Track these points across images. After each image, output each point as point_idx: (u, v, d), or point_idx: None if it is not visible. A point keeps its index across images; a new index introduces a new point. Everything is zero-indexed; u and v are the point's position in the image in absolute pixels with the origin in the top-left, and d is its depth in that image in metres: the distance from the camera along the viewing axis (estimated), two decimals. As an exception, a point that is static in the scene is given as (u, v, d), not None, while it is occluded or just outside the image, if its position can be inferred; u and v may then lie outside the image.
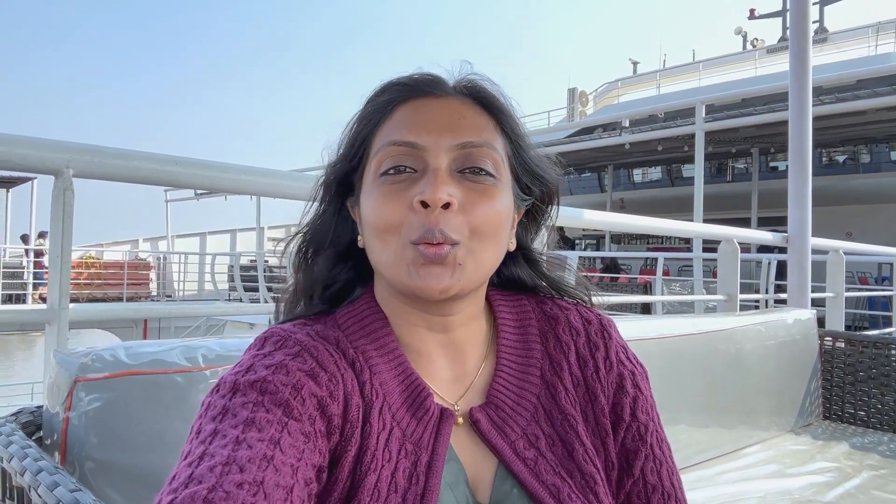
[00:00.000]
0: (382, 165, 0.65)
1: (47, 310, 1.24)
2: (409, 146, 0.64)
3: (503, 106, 0.70)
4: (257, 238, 14.01)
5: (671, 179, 19.92)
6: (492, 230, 0.64)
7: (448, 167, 0.64)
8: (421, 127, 0.65)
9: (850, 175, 16.32)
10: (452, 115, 0.66)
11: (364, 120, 0.69)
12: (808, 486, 1.80)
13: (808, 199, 3.07)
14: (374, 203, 0.64)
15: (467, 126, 0.66)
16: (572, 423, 0.68)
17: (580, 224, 2.44)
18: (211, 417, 0.56)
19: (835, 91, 10.06)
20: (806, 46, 3.09)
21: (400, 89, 0.68)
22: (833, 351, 2.48)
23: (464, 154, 0.65)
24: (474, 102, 0.69)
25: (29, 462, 0.73)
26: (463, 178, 0.64)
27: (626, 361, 0.74)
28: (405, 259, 0.63)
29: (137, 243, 16.15)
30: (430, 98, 0.68)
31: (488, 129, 0.67)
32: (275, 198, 1.50)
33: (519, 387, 0.70)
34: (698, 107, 9.54)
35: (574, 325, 0.74)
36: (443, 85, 0.69)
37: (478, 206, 0.63)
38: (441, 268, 0.62)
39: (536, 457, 0.66)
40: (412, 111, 0.67)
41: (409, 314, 0.69)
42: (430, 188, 0.61)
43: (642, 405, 0.72)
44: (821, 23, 19.49)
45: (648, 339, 1.80)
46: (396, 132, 0.66)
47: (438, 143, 0.64)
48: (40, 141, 1.20)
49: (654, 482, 0.71)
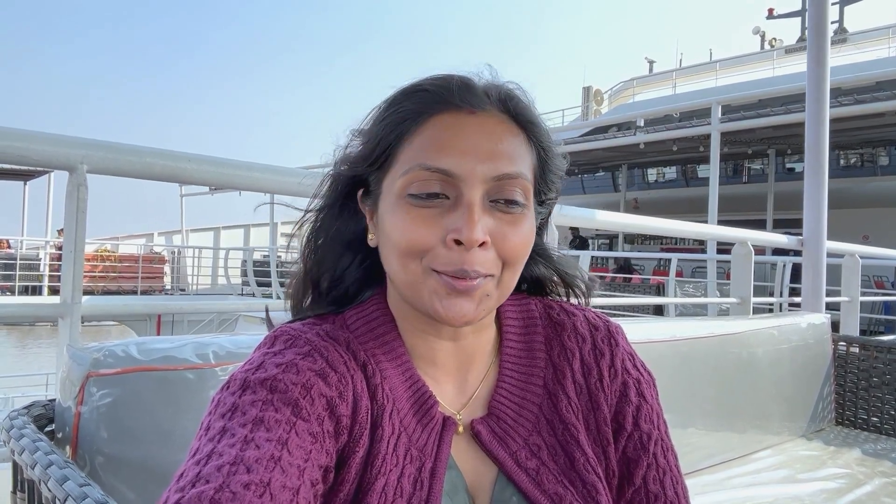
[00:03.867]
0: (412, 187, 0.62)
1: (60, 304, 1.25)
2: (444, 174, 0.61)
3: (536, 119, 0.67)
4: (270, 233, 14.07)
5: (686, 180, 19.78)
6: (521, 258, 0.64)
7: (482, 200, 0.61)
8: (457, 152, 0.61)
9: (868, 177, 16.14)
10: (490, 140, 0.62)
11: (391, 126, 0.65)
12: (819, 493, 1.78)
13: (824, 202, 3.05)
14: (401, 224, 0.62)
15: (504, 154, 0.62)
16: (573, 433, 0.68)
17: (593, 225, 2.43)
18: (220, 414, 0.56)
19: (853, 92, 9.95)
20: (824, 47, 3.06)
21: (432, 97, 0.64)
22: (847, 356, 2.46)
23: (499, 185, 0.62)
24: (508, 118, 0.65)
25: (39, 455, 0.74)
26: (495, 209, 0.62)
27: (631, 370, 0.73)
28: (428, 286, 0.62)
29: (152, 237, 16.27)
30: (465, 114, 0.63)
31: (521, 152, 0.64)
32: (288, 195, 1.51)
33: (521, 397, 0.70)
34: (714, 107, 9.46)
35: (580, 332, 0.74)
36: (477, 96, 0.64)
37: (508, 238, 0.62)
38: (467, 299, 0.61)
39: (538, 466, 0.66)
40: (446, 130, 0.63)
41: (419, 322, 0.68)
42: (466, 228, 0.59)
43: (646, 414, 0.72)
44: (840, 23, 19.25)
45: (660, 341, 1.80)
46: (429, 155, 0.62)
47: (475, 172, 0.61)
48: (55, 137, 1.21)
49: (657, 491, 0.70)
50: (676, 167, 19.86)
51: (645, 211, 18.74)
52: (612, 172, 21.08)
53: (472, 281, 0.60)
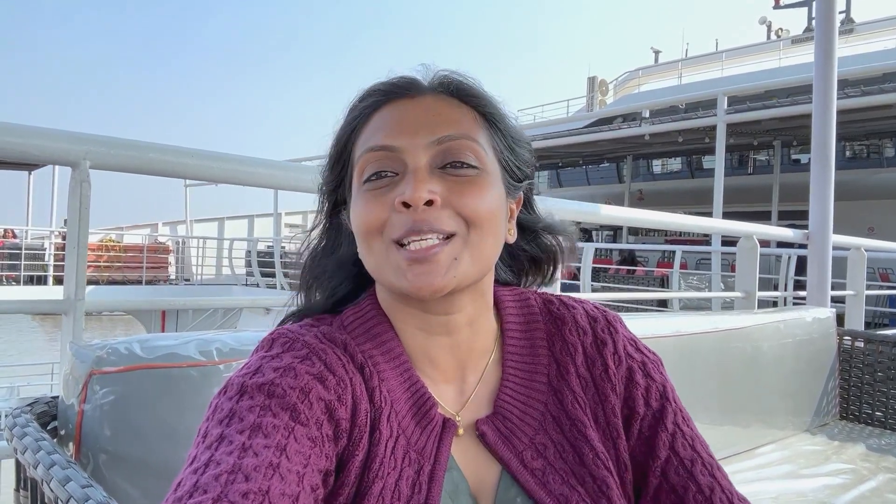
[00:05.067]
0: (364, 173, 0.65)
1: (63, 300, 1.25)
2: (387, 150, 0.64)
3: (480, 93, 0.68)
4: (274, 224, 14.09)
5: (691, 171, 19.73)
6: (487, 220, 0.63)
7: (428, 165, 0.63)
8: (396, 129, 0.64)
9: (874, 169, 16.06)
10: (427, 113, 0.65)
11: (343, 129, 0.69)
12: (823, 488, 1.78)
13: (830, 195, 3.03)
14: (359, 210, 0.65)
15: (443, 121, 0.65)
16: (581, 429, 0.68)
17: (598, 220, 2.41)
18: (218, 421, 0.55)
19: (860, 84, 9.88)
20: (832, 37, 3.03)
21: (375, 95, 0.67)
22: (852, 350, 2.45)
23: (442, 149, 0.63)
24: (450, 96, 0.67)
25: (42, 455, 0.74)
26: (445, 174, 0.63)
27: (634, 354, 0.73)
28: (391, 262, 0.62)
29: (157, 227, 16.29)
30: (405, 100, 0.67)
31: (466, 120, 0.66)
32: (289, 190, 1.51)
33: (526, 395, 0.69)
34: (720, 98, 9.41)
35: (581, 325, 0.73)
36: (417, 85, 0.68)
37: (465, 195, 0.62)
38: (431, 265, 0.61)
39: (545, 466, 0.66)
40: (387, 114, 0.66)
41: (410, 317, 0.68)
42: (409, 188, 0.61)
43: (655, 393, 0.71)
44: (847, 13, 19.09)
45: (664, 336, 1.79)
46: (373, 138, 0.65)
47: (415, 142, 0.63)
48: (58, 132, 1.20)
49: (691, 456, 0.68)
50: (682, 158, 19.79)
51: (650, 202, 18.70)
52: (617, 163, 21.01)
53: (430, 246, 0.60)
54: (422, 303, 0.65)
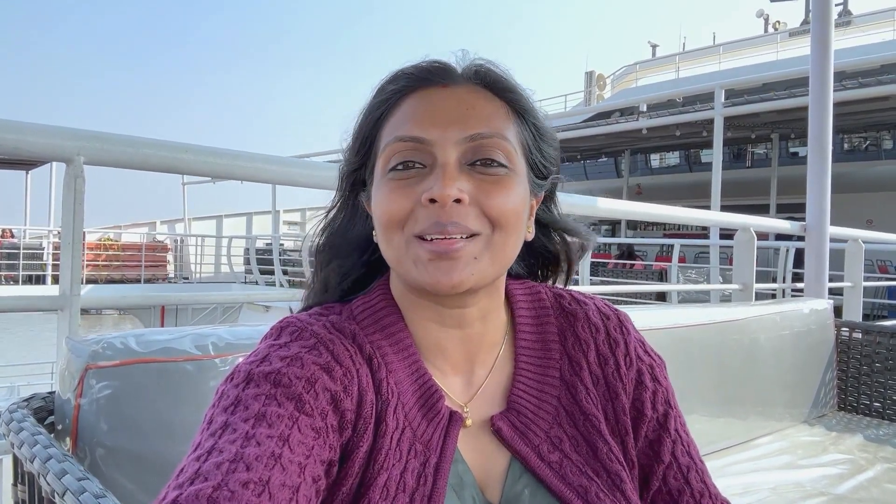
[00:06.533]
0: (390, 161, 0.63)
1: (59, 296, 1.25)
2: (416, 141, 0.62)
3: (514, 87, 0.67)
4: (273, 221, 14.08)
5: (689, 165, 19.74)
6: (512, 221, 0.62)
7: (457, 161, 0.62)
8: (428, 120, 0.63)
9: (872, 161, 16.07)
10: (460, 106, 0.63)
11: (370, 113, 0.67)
12: (821, 479, 1.78)
13: (827, 188, 3.03)
14: (382, 199, 0.63)
15: (476, 116, 0.63)
16: (595, 423, 0.68)
17: (595, 213, 2.41)
18: (223, 408, 0.55)
19: (857, 76, 9.88)
20: (828, 30, 3.03)
21: (406, 79, 0.65)
22: (850, 341, 2.46)
23: (474, 146, 0.62)
24: (484, 88, 0.66)
25: (39, 449, 0.74)
26: (474, 171, 0.62)
27: (643, 356, 0.74)
28: (411, 255, 0.62)
29: (155, 225, 16.28)
30: (438, 88, 0.65)
31: (499, 117, 0.65)
32: (286, 185, 1.50)
33: (539, 390, 0.69)
34: (718, 91, 9.40)
35: (593, 322, 0.73)
36: (450, 73, 0.66)
37: (493, 196, 0.61)
38: (451, 262, 0.60)
39: (561, 459, 0.66)
40: (419, 103, 0.64)
41: (423, 309, 0.67)
42: (438, 184, 0.60)
43: (661, 396, 0.72)
44: (844, 5, 19.09)
45: (662, 328, 1.79)
46: (403, 127, 0.63)
47: (446, 136, 0.62)
48: (51, 128, 1.20)
49: (688, 463, 0.71)
50: (679, 152, 19.80)
51: (648, 196, 18.69)
52: (615, 158, 21.03)
53: (452, 241, 0.60)
54: (438, 297, 0.65)
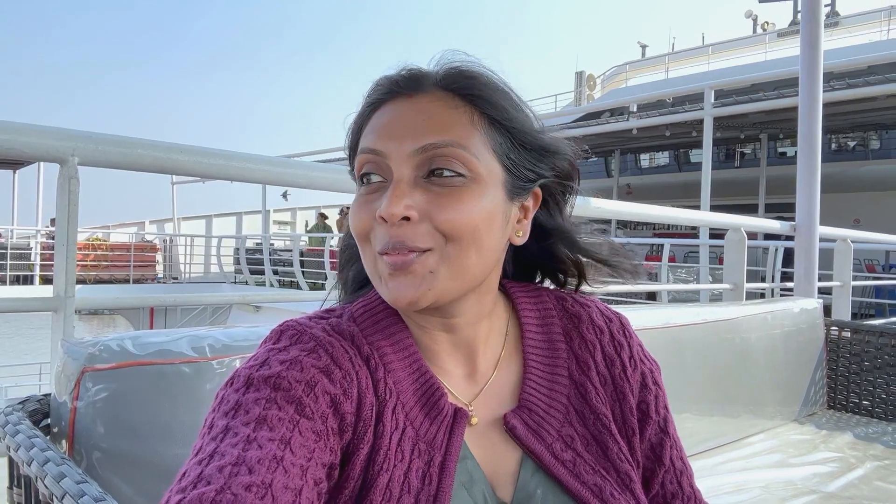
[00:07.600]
0: (360, 171, 0.64)
1: (53, 298, 1.24)
2: (374, 153, 0.62)
3: (483, 91, 0.64)
4: (263, 221, 14.04)
5: (679, 165, 19.81)
6: (467, 233, 0.60)
7: (412, 175, 0.61)
8: (385, 133, 0.62)
9: (860, 161, 16.19)
10: (418, 117, 0.62)
11: (355, 121, 0.68)
12: (812, 476, 1.80)
13: (816, 187, 3.05)
14: (351, 213, 0.65)
15: (432, 126, 0.61)
16: (605, 423, 0.69)
17: (586, 213, 2.41)
18: (223, 412, 0.56)
19: (846, 76, 9.95)
20: (817, 31, 3.05)
21: (378, 91, 0.65)
22: (839, 340, 2.48)
23: (427, 157, 0.61)
24: (451, 94, 0.64)
25: (35, 452, 0.74)
26: (430, 184, 0.61)
27: (644, 360, 0.75)
28: (378, 270, 0.63)
29: (144, 225, 16.20)
30: (404, 99, 0.64)
31: (459, 124, 0.62)
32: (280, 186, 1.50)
33: (549, 388, 0.69)
34: (707, 92, 9.46)
35: (597, 323, 0.74)
36: (419, 82, 0.64)
37: (445, 209, 0.60)
38: (408, 277, 0.60)
39: (574, 458, 0.66)
40: (383, 115, 0.64)
41: (415, 314, 0.67)
42: (385, 202, 0.59)
43: (661, 401, 0.74)
44: (832, 6, 19.21)
45: (653, 328, 1.80)
46: (366, 139, 0.64)
47: (400, 149, 0.61)
48: (45, 129, 1.19)
49: (681, 467, 0.74)
50: (669, 152, 19.86)
51: (638, 196, 18.75)
52: (605, 158, 21.05)
53: (405, 254, 0.60)
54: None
